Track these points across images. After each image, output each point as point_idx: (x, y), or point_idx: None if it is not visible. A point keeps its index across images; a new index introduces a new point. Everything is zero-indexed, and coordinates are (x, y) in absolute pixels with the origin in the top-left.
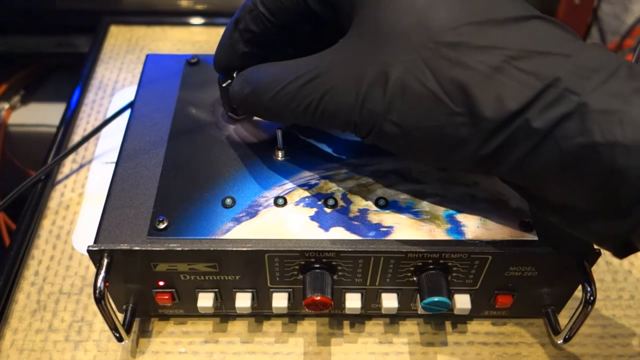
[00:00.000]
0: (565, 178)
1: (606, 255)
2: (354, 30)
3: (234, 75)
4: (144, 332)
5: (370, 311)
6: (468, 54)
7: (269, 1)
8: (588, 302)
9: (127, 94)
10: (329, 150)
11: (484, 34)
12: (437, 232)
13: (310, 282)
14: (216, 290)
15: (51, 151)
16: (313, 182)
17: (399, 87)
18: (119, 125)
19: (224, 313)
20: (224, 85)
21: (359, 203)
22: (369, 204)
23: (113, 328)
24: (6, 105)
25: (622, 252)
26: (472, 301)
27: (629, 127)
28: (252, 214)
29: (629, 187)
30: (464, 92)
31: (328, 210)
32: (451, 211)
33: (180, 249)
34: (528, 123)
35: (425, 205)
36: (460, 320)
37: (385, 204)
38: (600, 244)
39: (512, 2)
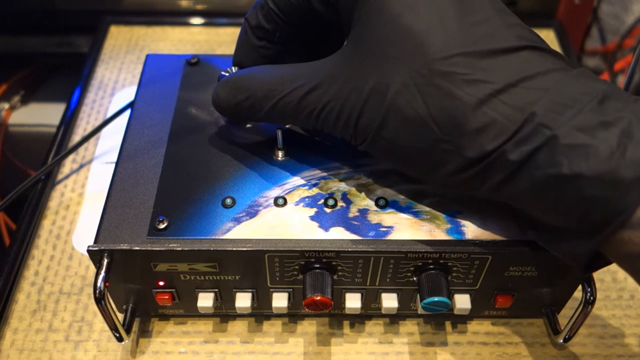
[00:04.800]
0: (537, 203)
1: None
2: (353, 42)
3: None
4: (144, 332)
5: (370, 311)
6: (458, 86)
7: None
8: (588, 302)
9: (127, 94)
10: (329, 150)
11: (475, 66)
12: (437, 232)
13: (310, 282)
14: (216, 290)
15: (51, 151)
16: (313, 182)
17: (393, 107)
18: (119, 125)
19: (224, 313)
20: None
21: (359, 203)
22: (369, 204)
23: (113, 328)
24: (6, 105)
25: (586, 269)
26: (472, 301)
27: (593, 160)
28: (252, 214)
29: (597, 213)
30: (451, 121)
31: (328, 210)
32: (451, 211)
33: (180, 249)
34: (505, 155)
35: (425, 205)
36: (460, 320)
37: (385, 204)
38: (567, 261)
39: (508, 29)
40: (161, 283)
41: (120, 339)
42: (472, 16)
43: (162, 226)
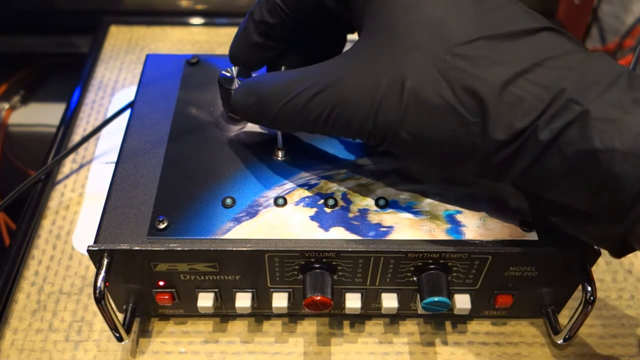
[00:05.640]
0: (567, 182)
1: (606, 255)
2: (366, 37)
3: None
4: (144, 332)
5: (370, 311)
6: (483, 67)
7: None
8: (588, 302)
9: (127, 94)
10: (329, 150)
11: (497, 48)
12: (437, 232)
13: (310, 282)
14: (216, 290)
15: (51, 151)
16: (313, 182)
17: (414, 97)
18: (119, 125)
19: (224, 313)
20: (224, 85)
21: (359, 203)
22: (369, 204)
23: (113, 328)
24: (6, 105)
25: (619, 252)
26: (472, 301)
27: (626, 135)
28: (252, 214)
29: (626, 191)
30: (479, 102)
31: (328, 210)
32: (451, 211)
33: (180, 249)
34: (535, 133)
35: (425, 205)
36: (460, 320)
37: (385, 204)
38: (598, 245)
39: (523, 14)
40: (161, 283)
41: (120, 339)
42: (487, 2)
43: (162, 226)
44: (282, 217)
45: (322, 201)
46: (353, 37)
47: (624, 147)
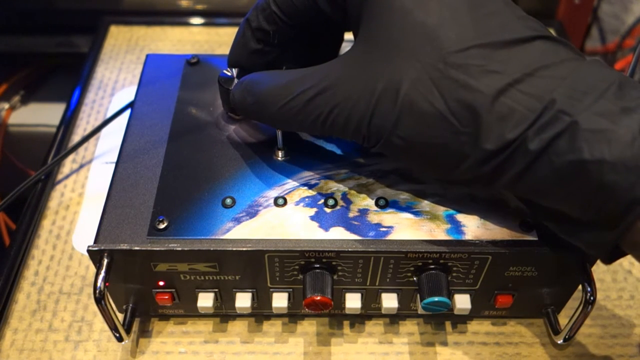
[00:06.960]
0: (558, 191)
1: None
2: (363, 42)
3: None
4: (144, 332)
5: (370, 311)
6: (475, 77)
7: (281, 1)
8: (588, 302)
9: (127, 94)
10: (329, 150)
11: (490, 57)
12: (437, 232)
13: (310, 282)
14: (216, 290)
15: (51, 151)
16: (313, 182)
17: (407, 104)
18: (119, 125)
19: (224, 313)
20: (223, 85)
21: (359, 203)
22: (369, 204)
23: (113, 328)
24: (6, 105)
25: (610, 258)
26: (472, 301)
27: (615, 145)
28: (252, 214)
29: (616, 201)
30: (470, 113)
31: (328, 210)
32: (451, 211)
33: (180, 249)
34: (525, 143)
35: (425, 205)
36: (460, 320)
37: (385, 204)
38: (589, 251)
39: (519, 21)
40: (161, 283)
41: (120, 339)
42: (483, 8)
43: (162, 226)
44: (282, 217)
45: (322, 201)
46: (350, 35)
47: (613, 158)
